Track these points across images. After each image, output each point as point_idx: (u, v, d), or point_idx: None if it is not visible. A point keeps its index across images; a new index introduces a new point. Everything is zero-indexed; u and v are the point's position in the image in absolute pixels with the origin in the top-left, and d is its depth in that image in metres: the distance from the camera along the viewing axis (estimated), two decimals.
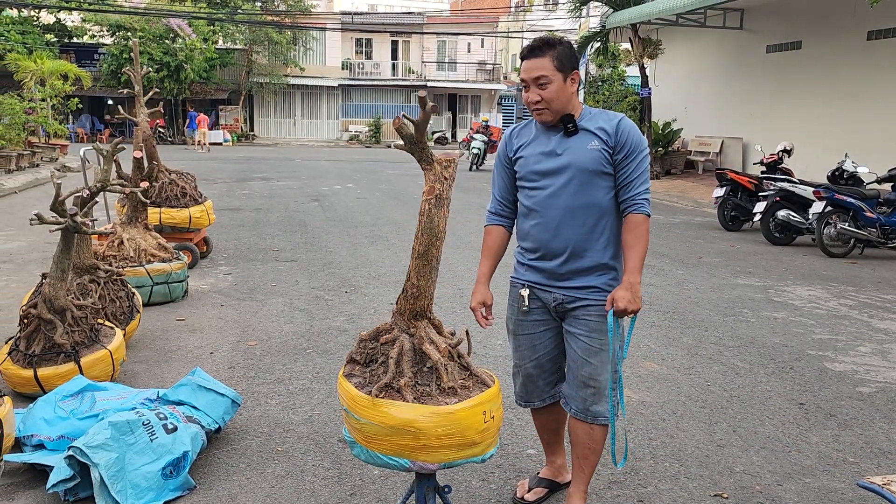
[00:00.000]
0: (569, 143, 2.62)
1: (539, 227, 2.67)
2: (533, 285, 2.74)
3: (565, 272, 2.65)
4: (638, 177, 2.58)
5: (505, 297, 2.92)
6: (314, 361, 4.64)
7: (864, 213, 8.91)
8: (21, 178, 14.53)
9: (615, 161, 2.58)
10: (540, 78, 2.55)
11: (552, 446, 3.05)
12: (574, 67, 2.61)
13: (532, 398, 2.90)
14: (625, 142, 2.56)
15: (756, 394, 4.25)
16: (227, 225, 9.95)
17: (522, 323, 2.80)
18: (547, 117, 2.62)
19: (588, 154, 2.58)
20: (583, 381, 2.66)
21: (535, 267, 2.73)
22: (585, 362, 2.65)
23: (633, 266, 2.53)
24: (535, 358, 2.81)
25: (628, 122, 2.60)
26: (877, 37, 13.82)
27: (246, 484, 3.08)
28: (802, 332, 5.56)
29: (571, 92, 2.60)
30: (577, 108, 2.65)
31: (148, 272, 5.72)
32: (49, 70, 19.85)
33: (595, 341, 2.63)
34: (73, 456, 2.84)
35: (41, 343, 3.90)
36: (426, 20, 39.59)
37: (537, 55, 2.57)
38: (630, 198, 2.58)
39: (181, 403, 3.41)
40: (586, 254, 2.63)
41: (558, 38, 2.65)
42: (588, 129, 2.60)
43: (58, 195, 3.78)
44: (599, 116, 2.63)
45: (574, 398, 2.72)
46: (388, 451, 2.30)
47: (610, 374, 2.63)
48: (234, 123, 35.73)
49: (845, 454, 3.49)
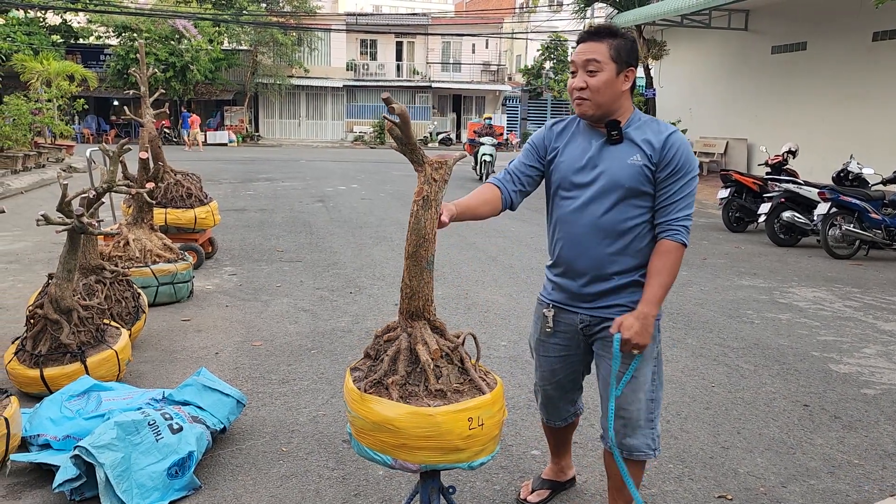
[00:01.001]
0: (609, 153, 2.37)
1: (563, 243, 2.49)
2: (558, 305, 2.56)
3: (589, 293, 2.46)
4: (679, 200, 2.32)
5: (534, 304, 2.78)
6: (319, 362, 4.65)
7: (869, 214, 8.89)
8: (27, 178, 14.58)
9: (657, 179, 2.33)
10: (590, 62, 2.32)
11: (559, 450, 3.00)
12: (631, 64, 2.36)
13: (552, 418, 2.81)
14: (671, 159, 2.31)
15: (760, 395, 4.25)
16: (233, 225, 9.98)
17: (544, 344, 2.65)
18: (587, 110, 2.36)
19: (627, 169, 2.34)
20: (614, 410, 2.46)
21: (560, 285, 2.55)
22: None
23: (652, 295, 2.31)
24: (555, 381, 2.69)
25: (679, 137, 2.35)
26: (882, 38, 13.79)
27: (251, 484, 3.10)
28: (807, 334, 5.55)
29: (622, 90, 2.35)
30: (627, 111, 2.40)
31: (153, 273, 5.74)
32: (55, 71, 19.91)
33: (623, 367, 2.42)
34: (78, 455, 2.86)
35: (47, 343, 3.93)
36: (431, 21, 39.63)
37: (595, 39, 2.34)
38: (666, 222, 2.33)
39: (186, 404, 3.42)
40: (613, 276, 2.42)
41: (623, 29, 2.41)
42: (633, 140, 2.36)
43: (64, 196, 3.80)
44: (648, 126, 2.38)
45: (608, 431, 2.50)
46: (373, 446, 2.30)
47: (634, 403, 2.44)
48: (239, 124, 35.80)
49: (850, 456, 3.48)
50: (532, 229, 10.32)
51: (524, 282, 7.06)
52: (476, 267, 7.69)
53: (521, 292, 6.56)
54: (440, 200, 2.27)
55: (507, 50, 42.40)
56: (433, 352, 2.31)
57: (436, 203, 2.25)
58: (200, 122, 30.37)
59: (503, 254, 8.52)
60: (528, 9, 40.67)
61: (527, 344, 5.05)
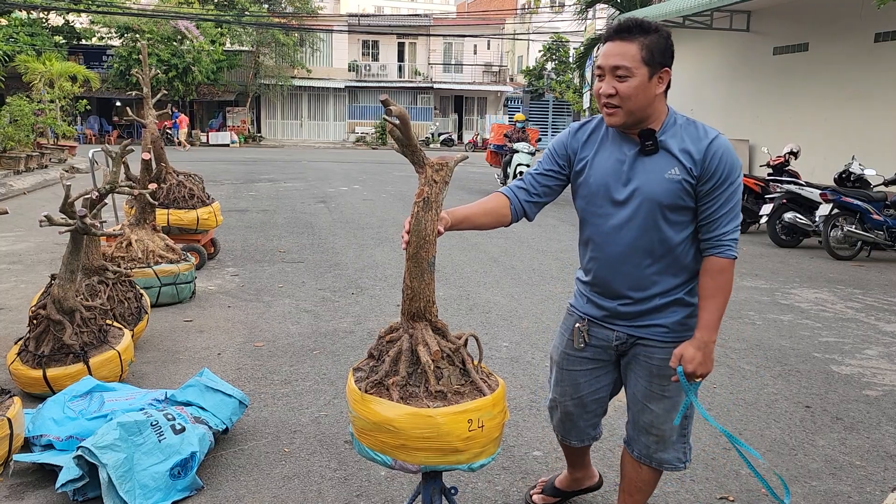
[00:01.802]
0: (643, 165, 2.15)
1: (597, 263, 2.31)
2: (593, 320, 2.39)
3: (627, 312, 2.29)
4: (726, 213, 2.11)
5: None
6: (321, 363, 4.66)
7: (871, 215, 8.88)
8: (30, 179, 14.61)
9: (699, 193, 2.11)
10: (619, 68, 2.07)
11: (575, 463, 2.82)
12: (665, 64, 2.11)
13: (569, 436, 2.61)
14: (714, 169, 2.08)
15: (762, 396, 4.25)
16: (235, 226, 9.99)
17: (571, 358, 2.47)
18: (617, 119, 2.13)
19: (664, 185, 2.12)
20: (644, 427, 2.36)
21: (594, 302, 2.38)
22: (645, 408, 2.34)
23: (709, 321, 2.13)
24: (578, 397, 2.49)
25: (722, 142, 2.11)
26: (884, 39, 13.78)
27: (253, 485, 3.10)
28: (809, 335, 5.55)
29: (657, 94, 2.12)
30: (661, 113, 2.16)
31: (156, 273, 5.75)
32: (58, 71, 19.96)
33: (657, 387, 2.29)
34: (81, 456, 2.86)
35: (50, 344, 3.93)
36: (432, 22, 39.68)
37: (624, 38, 2.08)
38: (715, 237, 2.13)
39: (189, 404, 3.43)
40: (653, 297, 2.24)
41: (656, 24, 2.14)
42: (669, 150, 2.13)
43: (67, 197, 3.81)
44: (686, 131, 2.15)
45: (637, 442, 2.42)
46: (374, 446, 2.30)
47: (676, 422, 2.30)
48: (241, 125, 35.85)
49: (852, 458, 3.48)
50: (535, 230, 10.32)
51: (526, 283, 7.06)
52: (478, 268, 7.69)
53: (523, 293, 6.57)
54: (441, 202, 2.23)
55: (508, 51, 42.41)
56: (434, 353, 2.31)
57: (437, 205, 2.21)
58: (188, 121, 30.50)
59: (505, 255, 8.52)
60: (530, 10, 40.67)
61: (529, 345, 5.07)
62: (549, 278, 7.28)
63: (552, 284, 7.00)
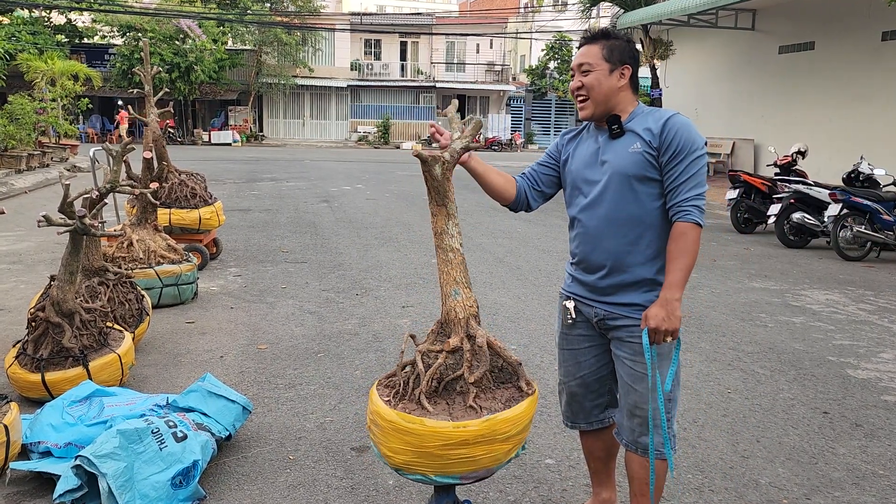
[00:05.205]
0: (612, 147, 2.44)
1: (579, 239, 2.53)
2: (577, 298, 2.58)
3: (606, 286, 2.47)
4: (687, 180, 2.33)
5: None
6: (326, 366, 4.56)
7: (880, 215, 8.77)
8: (31, 178, 14.53)
9: (661, 164, 2.36)
10: (584, 64, 2.43)
11: (598, 476, 2.81)
12: (625, 62, 2.44)
13: (577, 419, 2.71)
14: (671, 141, 2.33)
15: (778, 402, 4.14)
16: (237, 226, 9.90)
17: (567, 337, 2.64)
18: (588, 111, 2.46)
19: (629, 157, 2.38)
20: (630, 409, 2.47)
21: (578, 279, 2.58)
22: (631, 389, 2.45)
23: (673, 280, 2.31)
24: (580, 376, 2.63)
25: (679, 119, 2.38)
26: (891, 37, 13.67)
27: (257, 494, 3.01)
28: (822, 338, 5.45)
29: (617, 87, 2.43)
30: (629, 106, 2.47)
31: (157, 274, 5.66)
32: (60, 70, 19.87)
33: (640, 366, 2.41)
34: (80, 465, 2.77)
35: (49, 347, 3.84)
36: (435, 21, 39.56)
37: (589, 42, 2.46)
38: (676, 204, 2.34)
39: (191, 410, 3.33)
40: (629, 268, 2.43)
41: (620, 32, 2.52)
42: (633, 131, 2.41)
43: (66, 197, 3.72)
44: (650, 115, 2.43)
45: (624, 428, 2.52)
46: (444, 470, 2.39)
47: (650, 402, 2.39)
48: (243, 124, 35.77)
49: (874, 466, 3.38)
50: (539, 230, 10.22)
51: (532, 283, 6.96)
52: (483, 269, 7.59)
53: (530, 294, 6.46)
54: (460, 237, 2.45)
55: (511, 50, 42.29)
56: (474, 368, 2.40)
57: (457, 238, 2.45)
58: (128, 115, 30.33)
59: (510, 255, 8.42)
60: (533, 9, 40.55)
61: (537, 348, 4.99)
62: (556, 279, 7.18)
63: (558, 285, 6.89)
